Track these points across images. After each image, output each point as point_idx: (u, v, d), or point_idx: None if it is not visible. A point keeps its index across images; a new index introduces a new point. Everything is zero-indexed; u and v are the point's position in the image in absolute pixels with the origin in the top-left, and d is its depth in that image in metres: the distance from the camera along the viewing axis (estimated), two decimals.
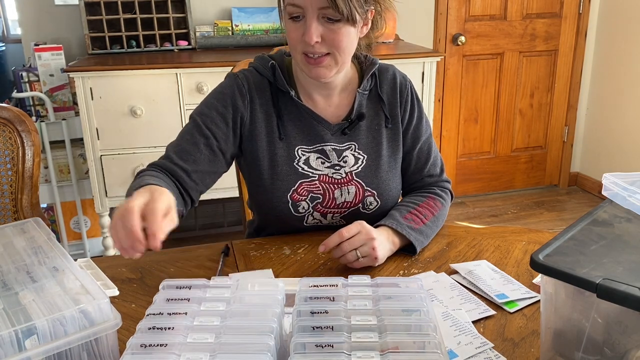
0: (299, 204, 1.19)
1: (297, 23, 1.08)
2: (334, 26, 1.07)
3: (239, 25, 2.90)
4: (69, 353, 0.70)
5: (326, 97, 1.22)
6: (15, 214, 1.42)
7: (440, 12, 3.25)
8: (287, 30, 1.10)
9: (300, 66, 1.14)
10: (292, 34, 1.09)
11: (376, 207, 1.22)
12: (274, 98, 1.19)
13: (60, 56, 2.55)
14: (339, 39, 1.07)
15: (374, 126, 1.23)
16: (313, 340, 0.65)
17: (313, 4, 1.04)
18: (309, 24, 1.05)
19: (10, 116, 1.38)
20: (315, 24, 1.05)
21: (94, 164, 2.43)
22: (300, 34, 1.07)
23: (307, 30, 1.06)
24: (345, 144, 1.21)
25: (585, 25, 3.49)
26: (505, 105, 3.54)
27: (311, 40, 1.06)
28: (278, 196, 1.18)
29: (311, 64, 1.10)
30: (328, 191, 1.20)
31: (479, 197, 3.66)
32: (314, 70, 1.11)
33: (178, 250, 1.18)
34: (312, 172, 1.19)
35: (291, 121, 1.20)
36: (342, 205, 1.21)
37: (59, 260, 0.84)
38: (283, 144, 1.19)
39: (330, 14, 1.05)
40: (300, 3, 1.05)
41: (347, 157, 1.20)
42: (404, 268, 1.09)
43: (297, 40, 1.09)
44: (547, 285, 0.74)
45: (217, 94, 1.20)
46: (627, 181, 0.84)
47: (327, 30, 1.07)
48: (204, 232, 3.14)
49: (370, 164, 1.21)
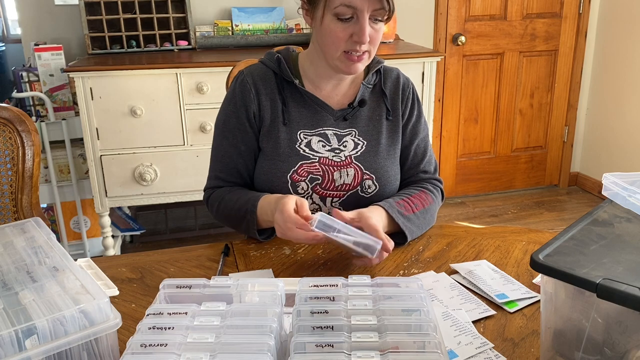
0: (298, 184, 1.22)
1: (346, 23, 1.12)
2: (377, 25, 1.14)
3: (239, 25, 2.90)
4: (69, 353, 0.70)
5: (335, 85, 1.27)
6: (15, 214, 1.42)
7: (440, 12, 3.25)
8: (332, 29, 1.13)
9: (335, 63, 1.18)
10: (339, 33, 1.13)
11: (375, 191, 1.25)
12: (279, 87, 1.25)
13: (60, 56, 2.55)
14: (378, 37, 1.15)
15: (375, 116, 1.28)
16: (313, 340, 0.65)
17: (369, 6, 1.10)
18: (362, 24, 1.11)
19: (10, 116, 1.38)
20: (367, 25, 1.11)
21: (94, 164, 2.43)
22: (348, 34, 1.13)
23: (360, 31, 1.11)
24: (346, 129, 1.25)
25: (585, 25, 3.49)
26: (505, 105, 3.54)
27: (367, 39, 1.12)
28: (278, 176, 1.21)
29: (354, 61, 1.15)
30: (327, 173, 1.23)
31: (479, 197, 3.66)
32: (353, 66, 1.16)
33: (178, 250, 1.18)
34: (312, 154, 1.23)
35: (295, 107, 1.25)
36: (341, 187, 1.24)
37: (59, 260, 0.84)
38: (286, 128, 1.24)
39: (380, 14, 1.12)
40: (356, 4, 1.09)
41: (347, 142, 1.25)
42: (404, 268, 1.09)
43: (343, 40, 1.13)
44: (547, 285, 0.74)
45: (228, 100, 1.28)
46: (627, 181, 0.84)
47: (372, 30, 1.13)
48: (204, 232, 3.14)
49: (369, 149, 1.25)
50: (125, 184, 2.49)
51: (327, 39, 1.14)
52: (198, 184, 2.56)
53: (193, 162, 2.52)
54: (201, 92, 2.41)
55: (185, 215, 3.17)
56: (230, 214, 1.21)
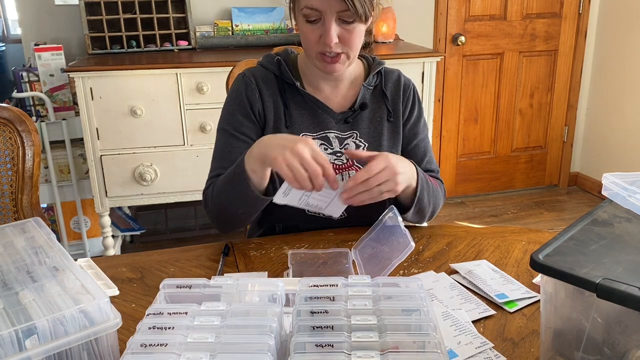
0: None
1: (314, 25, 1.12)
2: (349, 26, 1.12)
3: (239, 25, 2.90)
4: (69, 353, 0.70)
5: (333, 87, 1.27)
6: (15, 214, 1.42)
7: (440, 12, 3.25)
8: (303, 31, 1.14)
9: (314, 63, 1.18)
10: (309, 35, 1.13)
11: None
12: (281, 89, 1.25)
13: (60, 56, 2.55)
14: (353, 38, 1.13)
15: (377, 118, 1.27)
16: (313, 340, 0.65)
17: (332, 8, 1.08)
18: (327, 27, 1.10)
19: (10, 116, 1.38)
20: (334, 27, 1.10)
21: (94, 164, 2.43)
22: (318, 36, 1.12)
23: (326, 33, 1.10)
24: (347, 132, 1.25)
25: (585, 25, 3.49)
26: (505, 105, 3.54)
27: (331, 42, 1.10)
28: (281, 179, 1.19)
29: (328, 62, 1.15)
30: None
31: (479, 197, 3.66)
32: (329, 67, 1.16)
33: (178, 250, 1.18)
34: None
35: (297, 110, 1.24)
36: None
37: (59, 260, 0.84)
38: (289, 131, 1.23)
39: (347, 15, 1.09)
40: (318, 7, 1.08)
41: (349, 145, 1.25)
42: (404, 268, 1.09)
43: (314, 42, 1.13)
44: (547, 285, 0.74)
45: (231, 98, 1.26)
46: (627, 181, 0.84)
47: (343, 31, 1.12)
48: (204, 232, 3.14)
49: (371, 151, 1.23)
50: (125, 184, 2.49)
51: (302, 40, 1.16)
52: (198, 184, 2.55)
53: (193, 162, 2.52)
54: (201, 92, 2.41)
55: (185, 215, 3.17)
56: (222, 190, 1.13)
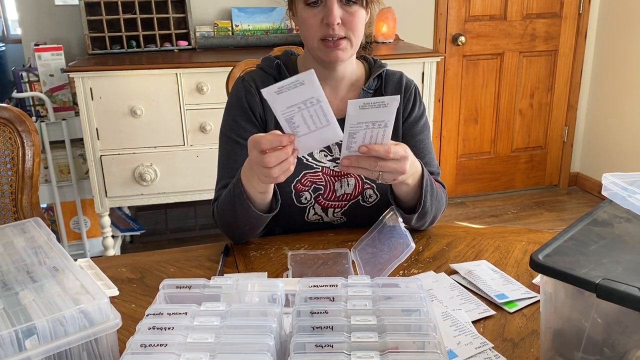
0: (302, 195, 1.21)
1: (315, 9, 1.13)
2: (351, 9, 1.13)
3: (239, 25, 2.90)
4: (69, 353, 0.70)
5: (334, 89, 1.25)
6: (15, 214, 1.42)
7: (440, 12, 3.25)
8: (304, 17, 1.14)
9: (316, 54, 1.18)
10: (311, 20, 1.13)
11: (376, 201, 1.24)
12: None
13: (60, 56, 2.55)
14: (355, 21, 1.14)
15: None
16: (313, 340, 0.65)
17: None
18: (330, 6, 1.11)
19: (10, 116, 1.38)
20: (336, 6, 1.11)
21: (94, 164, 2.43)
22: (319, 20, 1.13)
23: (329, 12, 1.11)
24: None
25: (585, 26, 3.49)
26: (505, 106, 3.54)
27: (335, 20, 1.11)
28: (282, 186, 1.19)
29: (330, 47, 1.15)
30: (329, 183, 1.22)
31: (479, 197, 3.66)
32: (332, 53, 1.15)
33: (178, 250, 1.18)
34: (316, 164, 1.23)
35: None
36: (342, 197, 1.23)
37: (59, 260, 0.84)
38: None
39: None
40: None
41: None
42: (404, 268, 1.09)
43: (316, 26, 1.13)
44: (547, 285, 0.74)
45: (232, 103, 1.26)
46: (627, 181, 0.84)
47: (345, 14, 1.12)
48: (204, 232, 3.14)
49: None
50: (125, 184, 2.49)
51: (303, 29, 1.16)
52: (198, 184, 2.56)
53: (193, 162, 2.52)
54: (201, 92, 2.41)
55: (185, 215, 3.17)
56: (226, 210, 1.14)
